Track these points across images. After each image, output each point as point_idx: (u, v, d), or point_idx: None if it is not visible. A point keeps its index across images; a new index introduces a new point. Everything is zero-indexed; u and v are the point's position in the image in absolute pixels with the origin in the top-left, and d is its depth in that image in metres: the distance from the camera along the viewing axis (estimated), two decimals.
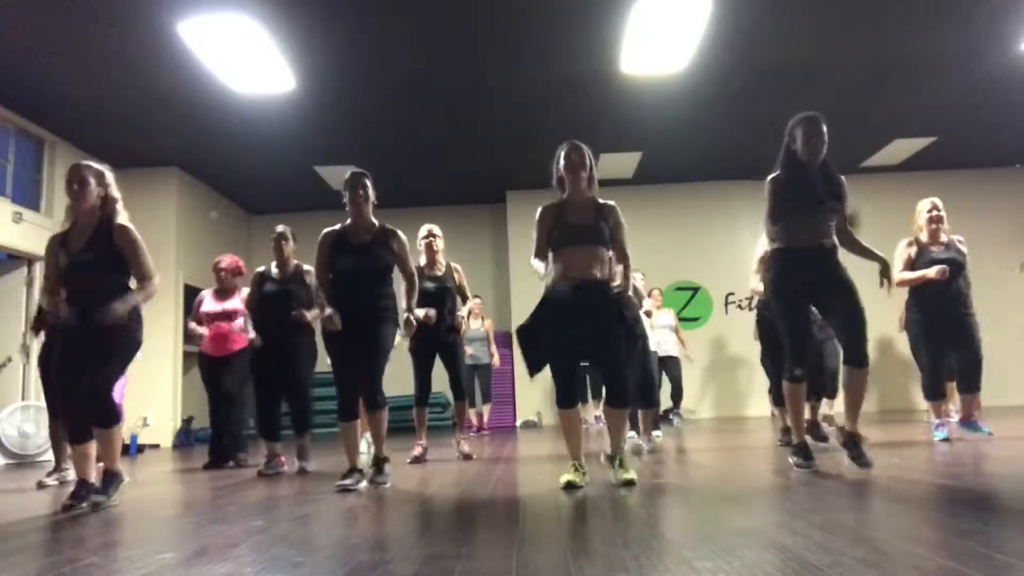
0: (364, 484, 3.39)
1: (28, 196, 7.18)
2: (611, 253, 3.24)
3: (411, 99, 6.86)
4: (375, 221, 3.59)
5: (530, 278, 3.57)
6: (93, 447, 3.20)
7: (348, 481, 3.31)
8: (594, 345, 3.15)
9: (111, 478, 3.19)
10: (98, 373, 3.13)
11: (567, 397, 3.16)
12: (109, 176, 3.32)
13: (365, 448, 5.78)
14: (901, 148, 8.76)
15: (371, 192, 3.57)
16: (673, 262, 9.43)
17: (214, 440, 5.06)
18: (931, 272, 4.40)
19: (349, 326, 3.40)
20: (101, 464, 3.23)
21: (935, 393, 4.59)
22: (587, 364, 3.91)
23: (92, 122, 7.03)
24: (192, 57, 5.66)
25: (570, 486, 2.97)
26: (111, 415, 3.18)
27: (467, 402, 5.05)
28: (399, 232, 3.60)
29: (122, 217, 3.29)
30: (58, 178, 7.39)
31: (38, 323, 4.67)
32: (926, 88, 7.01)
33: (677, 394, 7.86)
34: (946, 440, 4.39)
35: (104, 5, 5.02)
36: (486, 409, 8.25)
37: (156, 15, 5.11)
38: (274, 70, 5.96)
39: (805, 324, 3.32)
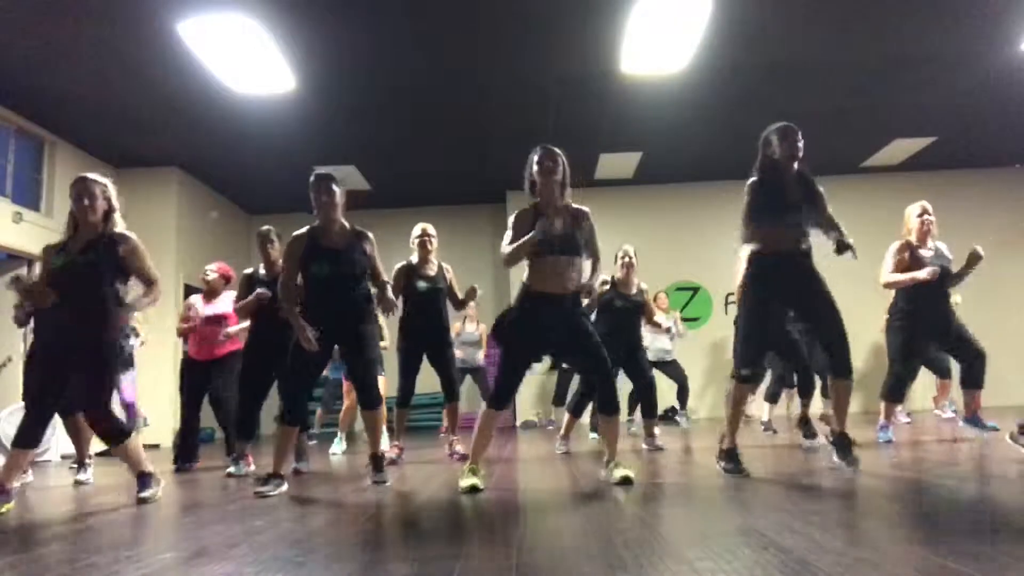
0: (284, 490, 3.33)
1: (28, 196, 7.18)
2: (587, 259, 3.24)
3: (411, 99, 6.86)
4: (346, 223, 3.54)
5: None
6: (31, 454, 3.23)
7: (267, 487, 3.25)
8: (580, 356, 3.18)
9: (146, 479, 3.26)
10: (93, 395, 3.16)
11: (503, 399, 3.15)
12: (111, 188, 3.37)
13: (339, 449, 5.74)
14: (901, 148, 8.76)
15: (337, 194, 3.48)
16: (673, 262, 9.43)
17: (181, 439, 5.09)
18: (922, 274, 4.31)
19: (328, 332, 3.38)
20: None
21: (897, 395, 4.56)
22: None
23: (92, 122, 7.03)
24: (192, 57, 5.66)
25: (474, 490, 2.96)
26: (120, 432, 3.24)
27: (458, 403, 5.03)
28: (370, 235, 3.56)
29: (120, 226, 3.33)
30: (58, 178, 7.39)
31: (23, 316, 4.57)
32: (926, 88, 7.00)
33: (685, 394, 7.75)
34: (890, 442, 4.38)
35: (104, 5, 5.01)
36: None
37: (156, 15, 5.11)
38: (274, 70, 5.95)
39: (763, 331, 3.37)
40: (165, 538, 2.38)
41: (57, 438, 6.24)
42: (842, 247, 3.14)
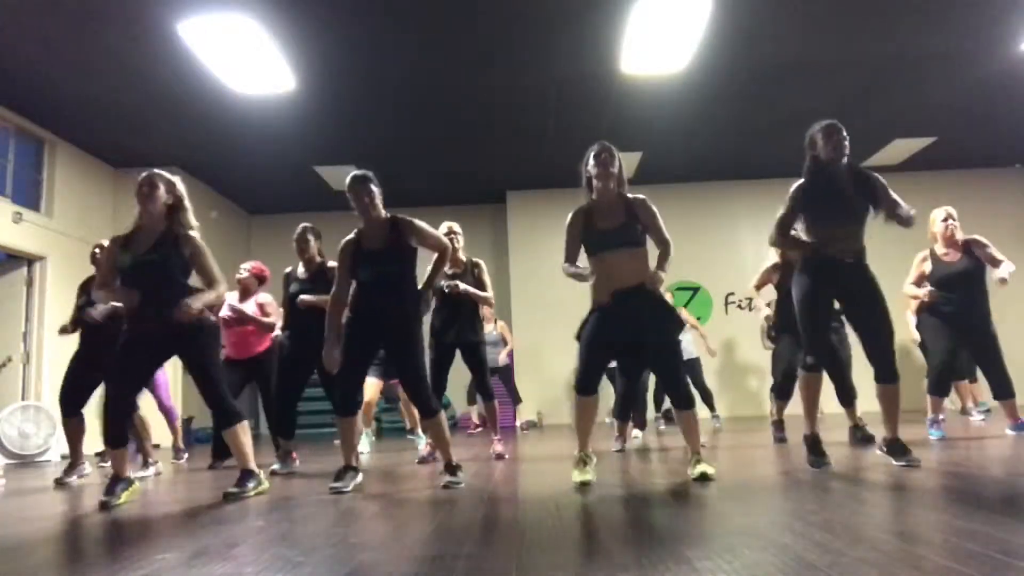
0: (359, 481, 3.38)
1: (28, 196, 7.18)
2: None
3: (411, 99, 6.86)
4: (385, 216, 3.46)
5: (530, 279, 3.59)
6: (129, 450, 3.33)
7: (341, 483, 3.27)
8: (654, 353, 3.19)
9: (247, 475, 3.28)
10: (209, 380, 3.23)
11: (588, 384, 3.17)
12: (180, 186, 3.37)
13: (366, 447, 5.77)
14: (901, 148, 8.76)
15: (376, 195, 3.43)
16: (673, 262, 9.37)
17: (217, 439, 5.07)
18: (923, 295, 4.58)
19: (374, 331, 3.37)
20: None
21: (939, 388, 4.58)
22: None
23: (92, 122, 7.03)
24: (192, 57, 5.67)
25: (584, 485, 3.00)
26: (233, 415, 3.28)
27: (496, 400, 4.99)
28: (412, 221, 3.45)
29: (192, 224, 3.34)
30: (58, 178, 7.40)
31: (75, 323, 4.51)
32: (926, 88, 7.01)
33: (707, 397, 7.46)
34: (943, 439, 4.40)
35: (104, 5, 5.02)
36: (519, 409, 8.29)
37: (156, 15, 5.11)
38: (274, 70, 5.96)
39: (816, 320, 3.34)
40: (165, 538, 2.38)
41: (57, 438, 6.25)
42: (890, 216, 3.25)
